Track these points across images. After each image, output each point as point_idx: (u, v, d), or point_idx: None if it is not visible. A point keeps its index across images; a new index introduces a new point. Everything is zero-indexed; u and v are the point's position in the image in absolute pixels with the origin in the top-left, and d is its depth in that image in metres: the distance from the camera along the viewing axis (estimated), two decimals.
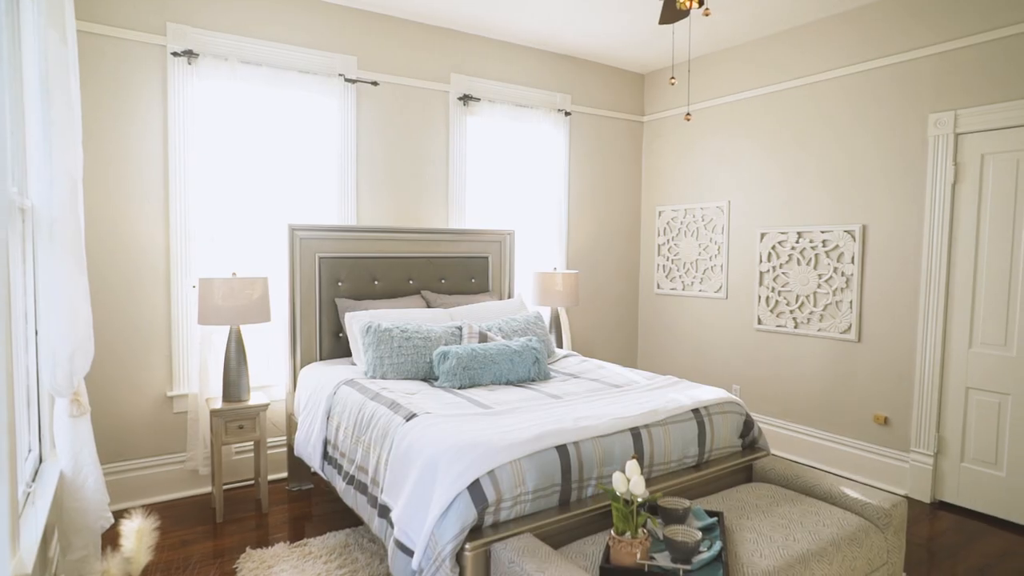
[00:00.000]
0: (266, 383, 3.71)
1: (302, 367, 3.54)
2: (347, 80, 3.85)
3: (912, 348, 3.63)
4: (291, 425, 3.52)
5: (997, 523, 3.29)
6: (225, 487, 3.59)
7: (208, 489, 3.56)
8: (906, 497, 3.61)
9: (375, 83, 3.96)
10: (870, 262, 3.82)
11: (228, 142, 3.45)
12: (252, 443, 3.60)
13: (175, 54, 3.32)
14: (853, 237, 3.88)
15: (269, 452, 3.73)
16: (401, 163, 4.15)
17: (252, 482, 3.68)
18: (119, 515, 2.11)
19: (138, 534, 1.76)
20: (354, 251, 3.74)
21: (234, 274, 3.24)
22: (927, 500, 3.55)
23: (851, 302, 3.90)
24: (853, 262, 3.88)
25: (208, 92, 3.41)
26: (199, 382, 3.44)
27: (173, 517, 3.22)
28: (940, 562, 2.88)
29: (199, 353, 3.44)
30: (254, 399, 3.33)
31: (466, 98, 4.31)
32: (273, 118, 3.65)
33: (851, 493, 2.37)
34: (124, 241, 3.30)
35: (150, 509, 1.99)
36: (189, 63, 3.36)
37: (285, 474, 3.77)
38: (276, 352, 3.74)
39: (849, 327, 3.92)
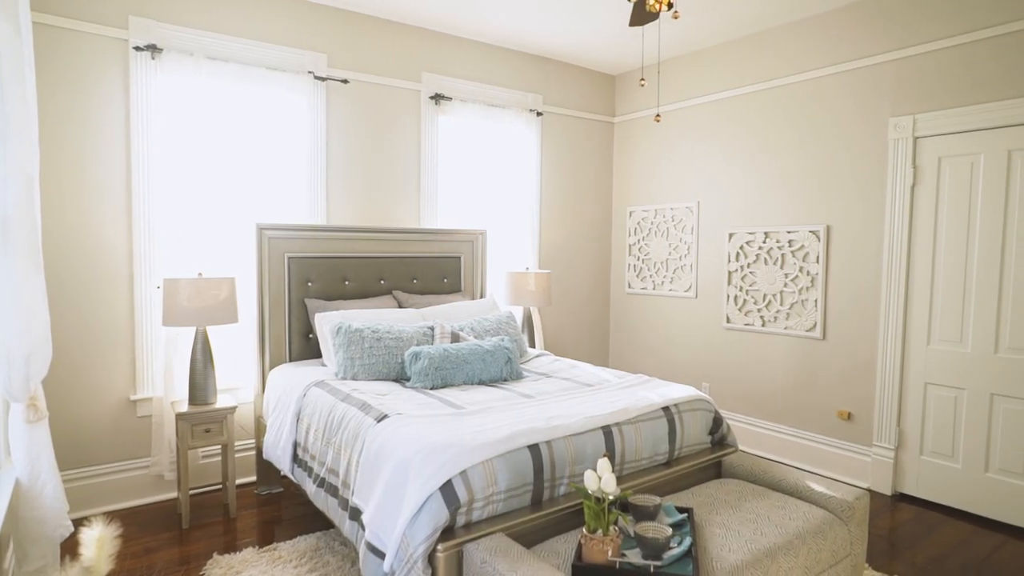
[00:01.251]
0: (234, 385, 3.64)
1: (271, 369, 3.48)
2: (317, 78, 3.80)
3: (874, 345, 3.74)
4: (260, 428, 3.46)
5: (954, 514, 3.40)
6: (191, 492, 3.51)
7: (174, 494, 3.48)
8: (868, 490, 3.72)
9: (345, 81, 3.92)
10: (834, 262, 3.92)
11: (194, 140, 3.38)
12: (219, 447, 3.53)
13: (137, 48, 3.24)
14: (818, 237, 3.97)
15: (237, 456, 3.66)
16: (372, 162, 4.11)
17: (219, 486, 3.61)
18: (79, 523, 2.04)
19: (99, 542, 1.70)
20: (324, 251, 3.70)
21: (200, 274, 3.17)
22: (888, 492, 3.65)
23: (816, 301, 3.99)
24: (818, 262, 3.97)
25: (173, 88, 3.34)
26: (164, 385, 3.36)
27: (137, 524, 3.14)
28: (901, 552, 2.97)
29: (164, 355, 3.36)
30: (221, 402, 3.26)
31: (438, 97, 4.29)
32: (241, 115, 3.58)
33: (816, 487, 2.43)
34: (84, 241, 3.20)
35: (112, 516, 1.94)
36: (152, 58, 3.28)
37: (254, 478, 3.70)
38: (244, 354, 3.68)
39: (814, 325, 4.01)
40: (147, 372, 3.39)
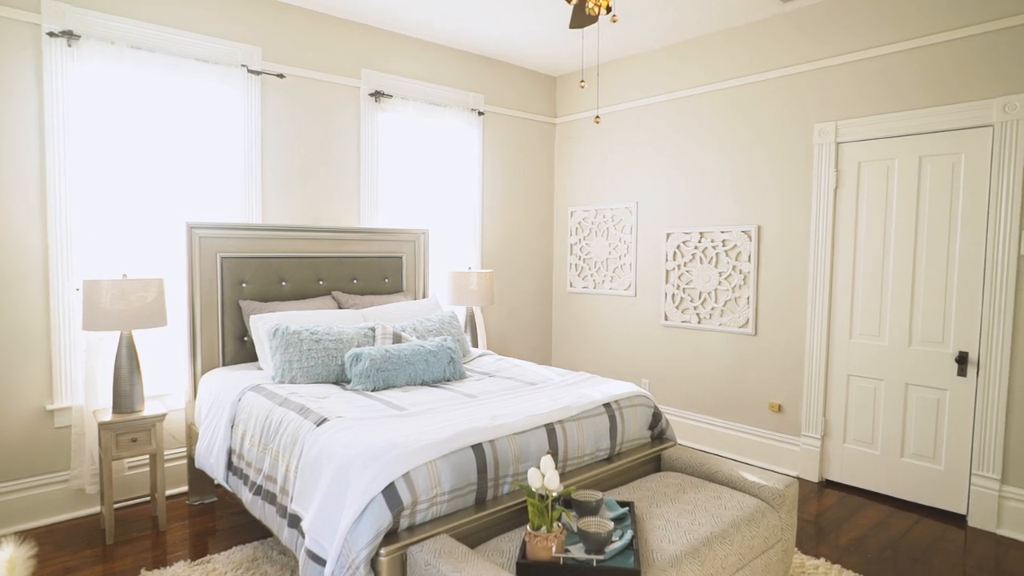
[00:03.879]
0: (163, 392, 3.48)
1: (203, 373, 3.34)
2: (251, 71, 3.67)
3: (801, 340, 3.92)
4: (192, 435, 3.31)
5: (874, 497, 3.62)
6: (117, 505, 3.33)
7: (96, 509, 3.28)
8: (797, 478, 3.91)
9: (281, 75, 3.80)
10: (764, 261, 4.09)
11: (118, 133, 3.20)
12: (147, 456, 3.36)
13: (51, 34, 3.04)
14: (749, 237, 4.14)
15: (167, 465, 3.50)
16: (310, 159, 4.00)
17: (148, 498, 3.43)
18: None
19: (9, 564, 1.59)
20: (259, 251, 3.57)
21: (125, 275, 3.01)
22: (815, 479, 3.85)
23: (748, 298, 4.16)
24: (750, 261, 4.14)
25: (93, 77, 3.15)
26: (85, 393, 3.17)
27: (55, 542, 2.95)
28: (827, 535, 3.13)
29: (85, 361, 3.16)
30: (149, 409, 3.10)
31: (378, 94, 4.22)
32: (169, 109, 3.41)
33: (749, 477, 2.53)
34: None
35: (27, 535, 1.81)
36: (69, 45, 3.08)
37: (185, 488, 3.54)
38: (174, 358, 3.51)
39: (747, 321, 4.18)
40: (66, 380, 3.19)
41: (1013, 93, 3.09)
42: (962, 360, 3.27)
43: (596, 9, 2.33)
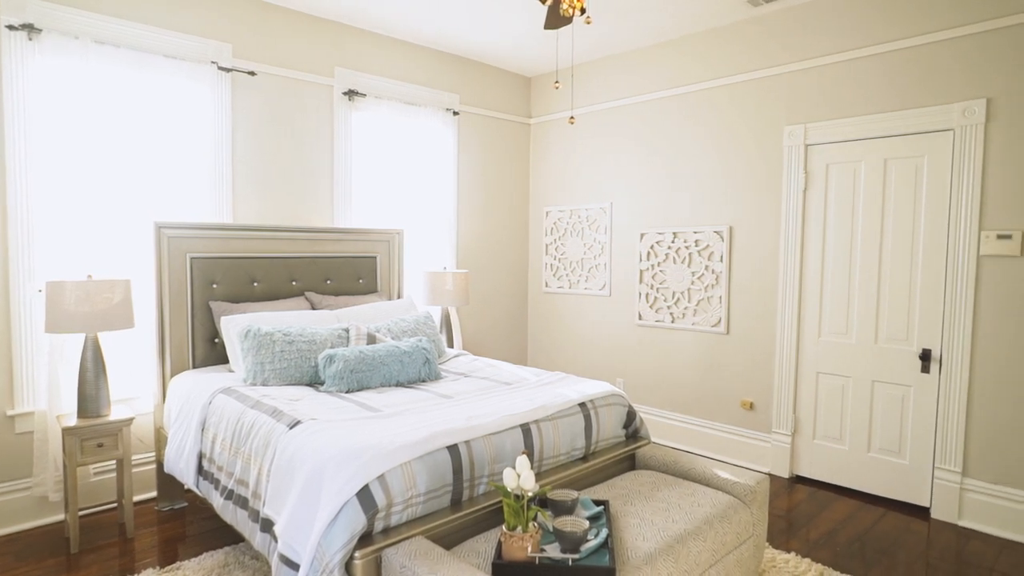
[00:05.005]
0: (130, 395, 3.40)
1: (173, 376, 3.27)
2: (221, 68, 3.60)
3: (772, 338, 4.00)
4: (160, 440, 3.24)
5: (843, 491, 3.70)
6: (82, 513, 3.24)
7: (61, 517, 3.19)
8: (768, 474, 3.98)
9: (252, 73, 3.74)
10: (736, 260, 4.16)
11: (83, 130, 3.11)
12: (114, 462, 3.28)
13: (11, 27, 2.94)
14: (721, 238, 4.20)
15: (135, 471, 3.42)
16: (282, 158, 3.95)
17: (115, 505, 3.35)
18: None
19: None
20: (230, 251, 3.51)
21: (90, 276, 2.93)
22: (786, 475, 3.92)
23: (720, 297, 4.22)
24: (722, 261, 4.20)
25: (55, 73, 3.06)
26: (48, 398, 3.07)
27: (16, 552, 2.86)
28: (797, 530, 3.19)
29: (48, 365, 3.07)
30: (116, 413, 3.03)
31: (351, 93, 4.19)
32: (137, 105, 3.33)
33: (721, 474, 2.57)
34: None
35: None
36: (29, 38, 2.99)
37: (154, 494, 3.47)
38: (142, 361, 3.43)
39: (719, 321, 4.24)
40: (27, 384, 3.09)
41: (972, 98, 3.19)
42: (925, 357, 3.37)
43: (570, 10, 2.34)
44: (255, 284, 3.62)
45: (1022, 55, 3.04)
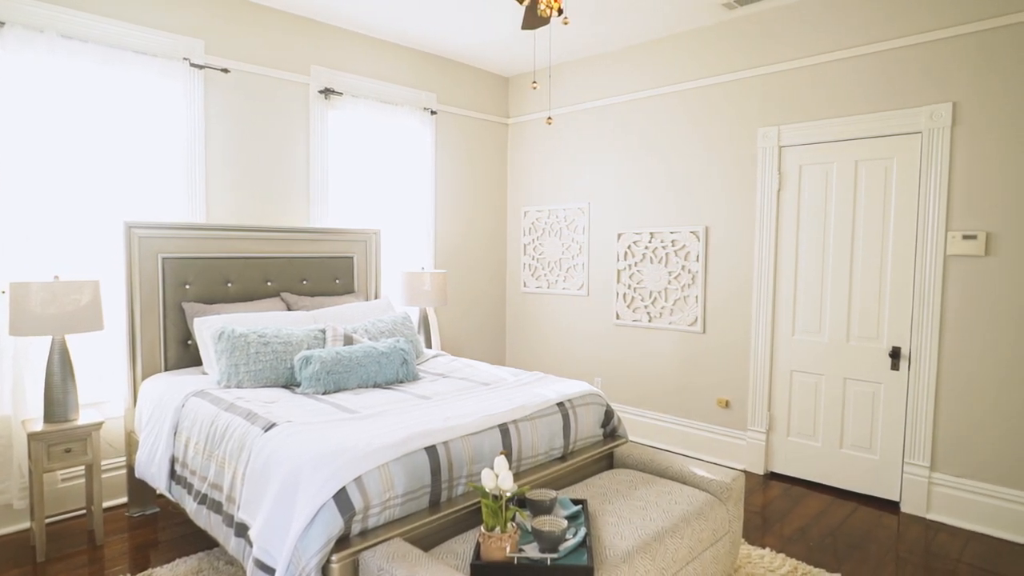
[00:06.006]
0: (100, 399, 3.32)
1: (144, 379, 3.20)
2: (193, 65, 3.54)
3: (747, 337, 4.05)
4: (131, 444, 3.17)
5: (816, 487, 3.77)
6: (49, 520, 3.16)
7: (26, 525, 3.11)
8: (744, 471, 4.03)
9: (226, 70, 3.68)
10: (712, 260, 4.21)
11: (49, 127, 3.03)
12: (83, 468, 3.20)
13: None
14: (698, 238, 4.24)
15: (105, 476, 3.34)
16: (257, 157, 3.89)
17: (83, 511, 3.27)
18: None
19: None
20: (203, 251, 3.45)
21: (57, 277, 2.86)
22: (761, 472, 3.98)
23: (697, 297, 4.26)
24: (698, 260, 4.25)
25: (19, 67, 2.97)
26: (12, 402, 2.99)
27: None
28: (772, 526, 3.24)
29: (12, 368, 2.99)
30: (85, 418, 2.96)
31: (328, 91, 4.14)
32: (106, 102, 3.26)
33: (698, 471, 2.60)
34: None
35: None
36: None
37: (125, 499, 3.39)
38: (112, 363, 3.36)
39: (695, 320, 4.28)
40: None
41: (938, 102, 3.27)
42: (895, 355, 3.44)
43: (548, 11, 2.34)
44: (229, 285, 3.56)
45: (986, 60, 3.13)
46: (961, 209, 3.23)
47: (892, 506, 3.49)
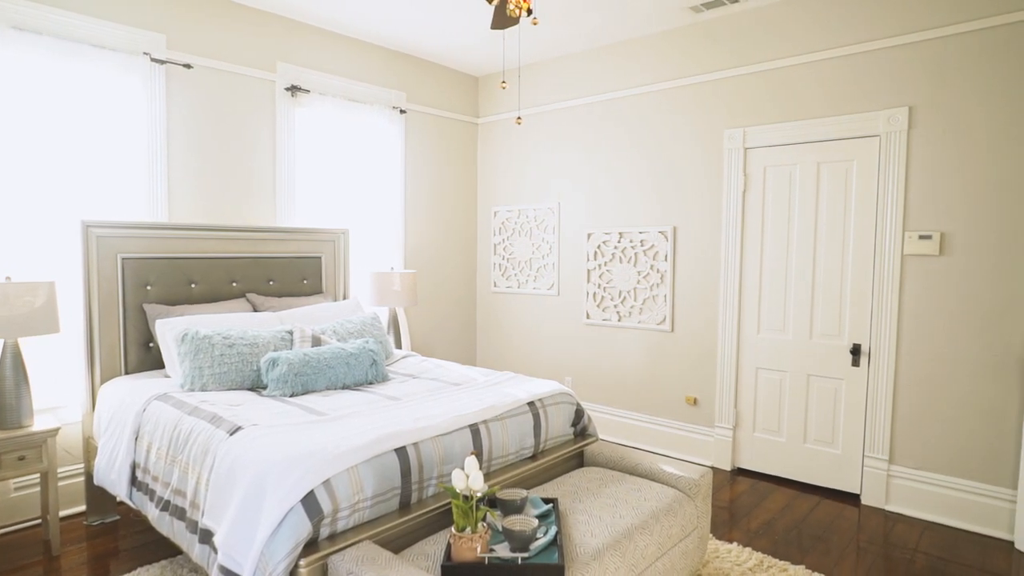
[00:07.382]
0: (56, 404, 3.21)
1: (103, 383, 3.11)
2: (154, 60, 3.44)
3: (715, 335, 4.12)
4: (90, 450, 3.08)
5: (781, 481, 3.85)
6: (1, 532, 3.04)
7: None
8: (711, 467, 4.10)
9: (188, 66, 3.60)
10: (680, 260, 4.27)
11: (0, 122, 2.92)
12: (38, 476, 3.09)
13: None
14: (666, 237, 4.30)
15: (61, 484, 3.23)
16: (221, 155, 3.81)
17: (39, 521, 3.16)
18: None
19: None
20: (165, 251, 3.37)
21: (9, 278, 2.75)
22: (728, 468, 4.05)
23: (665, 296, 4.32)
24: (667, 260, 4.30)
25: None
26: None
27: None
28: (738, 520, 3.30)
29: None
30: (39, 423, 2.86)
31: (294, 89, 4.08)
32: (62, 98, 3.15)
33: (667, 468, 2.63)
34: None
35: None
36: None
37: (83, 507, 3.28)
38: (69, 367, 3.25)
39: (664, 319, 4.34)
40: None
41: (896, 106, 3.37)
42: (856, 352, 3.54)
43: (517, 11, 2.34)
44: (193, 286, 3.48)
45: (941, 66, 3.24)
46: (917, 210, 3.34)
47: (853, 499, 3.59)
